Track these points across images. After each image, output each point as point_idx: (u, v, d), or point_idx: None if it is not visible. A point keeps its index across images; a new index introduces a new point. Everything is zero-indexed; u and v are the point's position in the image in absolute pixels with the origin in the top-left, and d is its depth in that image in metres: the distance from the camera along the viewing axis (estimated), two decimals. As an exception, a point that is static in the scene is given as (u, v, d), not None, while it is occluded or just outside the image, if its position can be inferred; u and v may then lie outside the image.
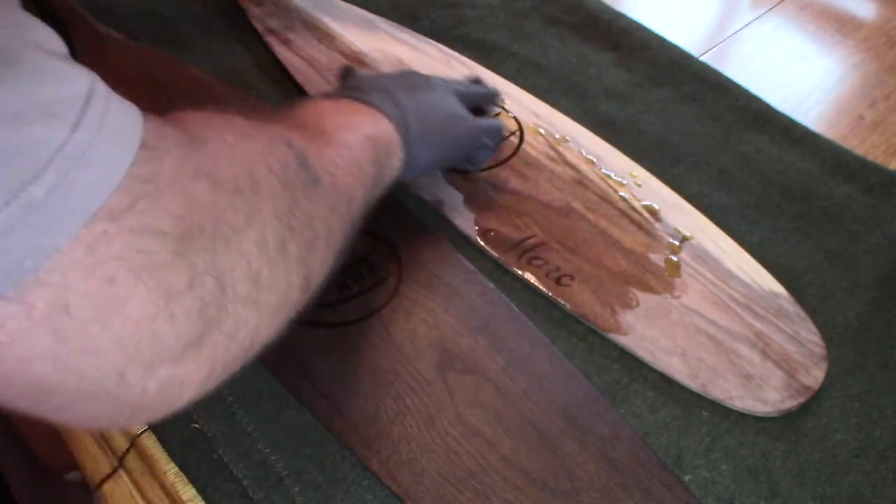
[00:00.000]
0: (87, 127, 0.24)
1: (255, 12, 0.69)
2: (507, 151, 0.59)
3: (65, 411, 0.27)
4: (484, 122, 0.53)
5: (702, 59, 0.71)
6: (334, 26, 0.68)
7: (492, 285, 0.50)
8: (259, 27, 0.67)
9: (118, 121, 0.26)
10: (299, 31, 0.67)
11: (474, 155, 0.54)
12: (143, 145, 0.26)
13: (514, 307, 0.49)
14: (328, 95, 0.47)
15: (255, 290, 0.30)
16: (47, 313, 0.24)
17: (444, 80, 0.54)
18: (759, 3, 0.81)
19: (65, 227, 0.24)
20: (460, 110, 0.52)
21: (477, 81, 0.60)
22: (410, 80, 0.51)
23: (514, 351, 0.47)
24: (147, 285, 0.26)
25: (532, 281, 0.51)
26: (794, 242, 0.56)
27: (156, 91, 0.60)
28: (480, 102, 0.58)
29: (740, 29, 0.78)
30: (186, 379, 0.28)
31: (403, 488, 0.41)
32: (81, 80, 0.25)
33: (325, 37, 0.67)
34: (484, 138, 0.53)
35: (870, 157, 0.63)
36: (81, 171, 0.24)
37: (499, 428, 0.44)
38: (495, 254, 0.53)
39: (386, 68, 0.64)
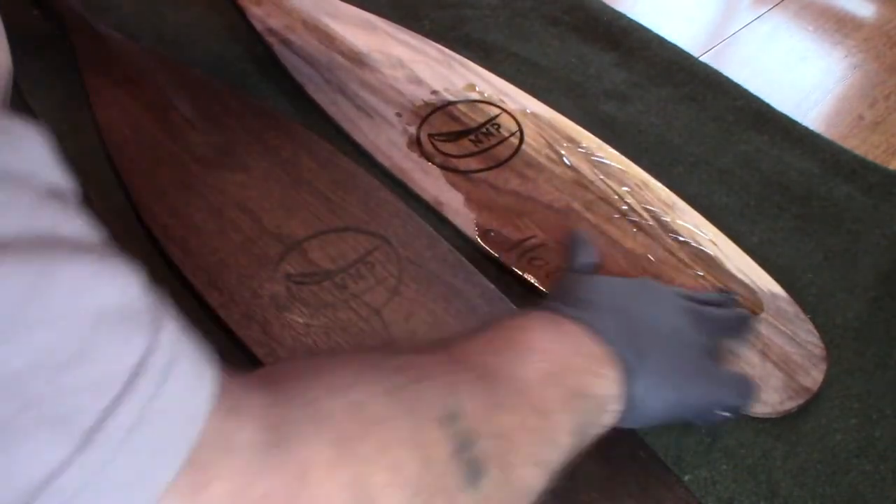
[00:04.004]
0: (107, 441, 0.17)
1: (254, 12, 0.69)
2: (507, 152, 0.59)
3: None
4: (731, 375, 0.42)
5: (702, 59, 0.71)
6: (334, 26, 0.68)
7: (492, 285, 0.50)
8: (259, 27, 0.67)
9: (166, 416, 0.19)
10: (299, 32, 0.67)
11: (709, 416, 0.41)
12: (191, 463, 0.19)
13: (515, 307, 0.49)
14: (536, 308, 0.37)
15: None
16: None
17: (682, 296, 0.43)
18: (759, 3, 0.81)
19: None
20: (704, 353, 0.40)
21: (724, 294, 0.49)
22: (646, 299, 0.41)
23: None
24: None
25: (532, 281, 0.51)
26: (794, 242, 0.56)
27: (156, 91, 0.60)
28: (726, 333, 0.46)
29: (740, 29, 0.78)
30: None
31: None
32: (133, 344, 0.18)
33: (326, 37, 0.67)
34: (727, 399, 0.40)
35: (870, 157, 0.63)
36: None
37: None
38: (496, 254, 0.53)
39: (386, 69, 0.64)
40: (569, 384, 0.33)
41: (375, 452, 0.24)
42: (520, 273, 0.52)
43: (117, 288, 0.19)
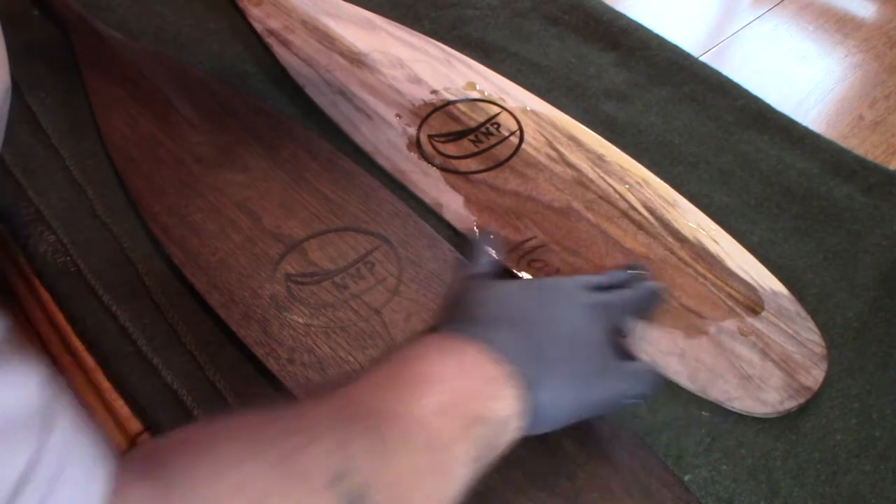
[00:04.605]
0: None
1: (254, 13, 0.69)
2: (506, 152, 0.59)
3: None
4: (632, 368, 0.41)
5: (702, 59, 0.71)
6: (334, 26, 0.68)
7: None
8: (258, 28, 0.67)
9: None
10: (299, 32, 0.67)
11: (617, 407, 0.41)
12: None
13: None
14: (430, 331, 0.38)
15: None
16: None
17: (581, 289, 0.42)
18: (759, 3, 0.81)
19: None
20: (606, 349, 0.40)
21: (627, 271, 0.47)
22: (543, 300, 0.40)
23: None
24: None
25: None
26: (794, 242, 0.56)
27: (156, 91, 0.60)
28: (633, 313, 0.45)
29: (740, 29, 0.78)
30: None
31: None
32: (17, 456, 0.18)
33: (325, 37, 0.67)
34: (630, 392, 0.40)
35: (870, 157, 0.63)
36: None
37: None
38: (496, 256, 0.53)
39: (386, 69, 0.64)
40: (465, 412, 0.33)
41: None
42: (520, 275, 0.52)
43: (1, 395, 0.19)
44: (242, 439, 0.28)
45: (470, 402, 0.33)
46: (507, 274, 0.49)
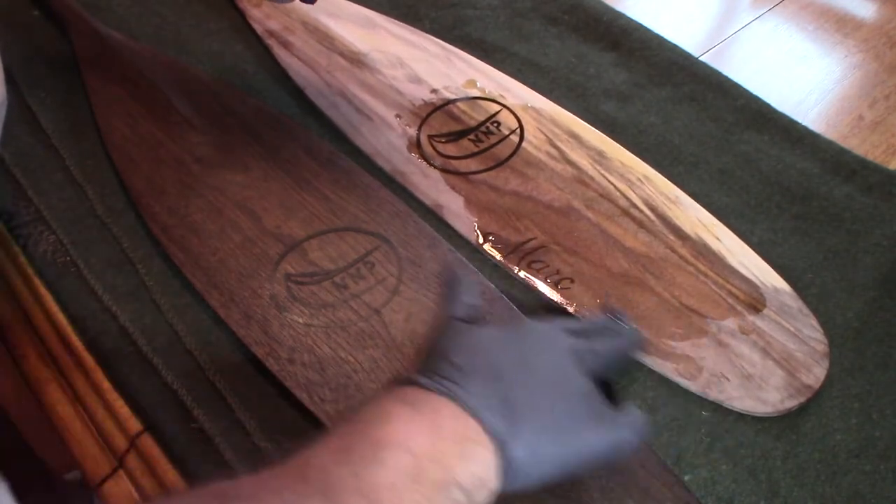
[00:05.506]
0: None
1: (253, 14, 0.69)
2: (507, 151, 0.59)
3: None
4: (624, 417, 0.38)
5: (702, 59, 0.71)
6: (333, 26, 0.68)
7: (492, 285, 0.50)
8: (258, 30, 0.67)
9: None
10: (299, 34, 0.67)
11: (609, 462, 0.39)
12: None
13: (514, 307, 0.49)
14: (400, 385, 0.36)
15: None
16: None
17: (562, 334, 0.40)
18: (759, 3, 0.81)
19: None
20: (593, 397, 0.38)
21: (609, 313, 0.45)
22: (523, 348, 0.38)
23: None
24: None
25: (533, 283, 0.51)
26: (794, 242, 0.56)
27: (156, 91, 0.60)
28: (617, 361, 0.44)
29: (740, 29, 0.78)
30: None
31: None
32: None
33: (325, 38, 0.67)
34: (622, 439, 0.37)
35: (870, 157, 0.63)
36: None
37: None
38: (496, 257, 0.53)
39: (386, 69, 0.64)
40: (431, 478, 0.31)
41: None
42: (520, 275, 0.52)
43: None
44: None
45: (438, 466, 0.31)
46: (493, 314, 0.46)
